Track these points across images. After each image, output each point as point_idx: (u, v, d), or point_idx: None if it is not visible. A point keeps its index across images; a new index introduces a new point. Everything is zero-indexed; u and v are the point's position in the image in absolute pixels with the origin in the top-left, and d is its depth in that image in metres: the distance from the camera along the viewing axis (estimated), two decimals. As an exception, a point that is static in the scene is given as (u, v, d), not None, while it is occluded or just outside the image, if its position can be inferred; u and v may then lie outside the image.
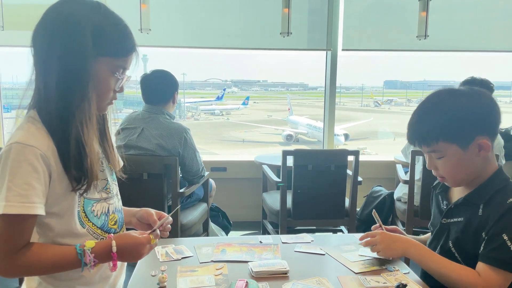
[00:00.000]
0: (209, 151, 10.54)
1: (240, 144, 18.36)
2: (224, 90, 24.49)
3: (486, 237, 1.16)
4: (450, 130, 1.17)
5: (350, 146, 16.35)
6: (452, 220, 1.28)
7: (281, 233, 2.80)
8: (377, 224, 1.46)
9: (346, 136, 15.62)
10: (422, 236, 1.55)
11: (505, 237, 1.11)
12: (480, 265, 1.16)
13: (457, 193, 1.32)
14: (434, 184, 1.44)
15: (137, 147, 2.53)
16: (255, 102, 26.99)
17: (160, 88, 2.66)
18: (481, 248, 1.16)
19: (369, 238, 1.37)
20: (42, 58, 1.02)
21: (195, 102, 23.26)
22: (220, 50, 4.05)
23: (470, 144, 1.17)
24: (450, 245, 1.26)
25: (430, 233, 1.46)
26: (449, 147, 1.18)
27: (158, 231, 1.14)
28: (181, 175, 2.71)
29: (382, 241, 1.33)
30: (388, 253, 1.34)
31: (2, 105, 3.99)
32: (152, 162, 2.51)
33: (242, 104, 23.95)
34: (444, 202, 1.35)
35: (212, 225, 3.18)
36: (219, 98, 23.65)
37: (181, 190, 2.63)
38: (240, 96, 25.64)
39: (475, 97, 1.19)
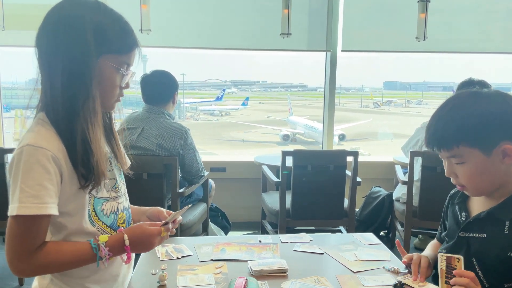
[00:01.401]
0: (208, 151, 10.57)
1: (239, 144, 18.43)
2: (224, 90, 24.52)
3: None
4: (472, 134, 1.09)
5: (344, 146, 16.39)
6: (471, 235, 1.18)
7: (280, 233, 2.81)
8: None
9: (342, 137, 15.67)
10: (430, 250, 1.41)
11: None
12: None
13: (478, 205, 1.22)
14: (451, 193, 1.34)
15: (137, 147, 2.54)
16: (260, 103, 27.07)
17: (160, 88, 2.67)
18: None
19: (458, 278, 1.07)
20: (46, 60, 1.04)
21: (195, 102, 23.28)
22: (219, 51, 4.07)
23: (493, 150, 1.09)
24: (475, 262, 1.15)
25: (436, 241, 1.41)
26: (471, 152, 1.10)
27: (170, 225, 1.14)
28: (180, 175, 2.72)
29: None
30: None
31: (2, 105, 3.99)
32: (152, 162, 2.52)
33: (242, 105, 23.99)
34: (463, 213, 1.24)
35: (212, 225, 3.19)
36: (218, 99, 23.67)
37: (181, 190, 2.64)
38: (240, 97, 25.69)
39: (499, 99, 1.11)
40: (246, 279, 1.16)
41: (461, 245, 1.21)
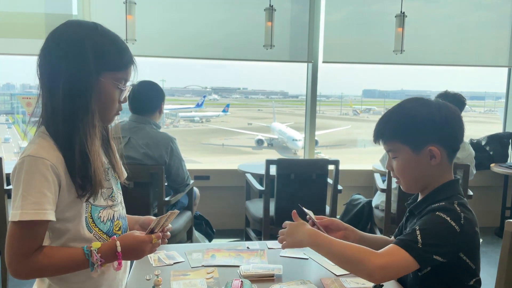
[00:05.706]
0: (189, 158, 10.60)
1: (219, 149, 18.58)
2: (204, 97, 24.46)
3: None
4: (404, 131, 1.23)
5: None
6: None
7: (264, 240, 2.87)
8: (308, 216, 1.48)
9: (315, 143, 15.94)
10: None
11: (417, 227, 1.13)
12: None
13: None
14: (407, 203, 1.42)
15: (124, 157, 2.57)
16: (259, 110, 27.15)
17: (148, 99, 2.72)
18: None
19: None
20: (48, 80, 1.11)
21: (175, 109, 23.15)
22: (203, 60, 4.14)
23: (421, 149, 1.22)
24: None
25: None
26: (402, 148, 1.24)
27: (159, 233, 1.21)
28: (166, 184, 2.77)
29: (288, 232, 1.38)
30: (291, 245, 1.35)
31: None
32: (138, 171, 2.55)
33: (222, 112, 23.98)
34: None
35: (196, 233, 3.24)
36: (199, 105, 23.60)
37: (167, 199, 2.69)
38: (221, 104, 25.67)
39: (435, 108, 1.23)
40: (242, 281, 1.23)
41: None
